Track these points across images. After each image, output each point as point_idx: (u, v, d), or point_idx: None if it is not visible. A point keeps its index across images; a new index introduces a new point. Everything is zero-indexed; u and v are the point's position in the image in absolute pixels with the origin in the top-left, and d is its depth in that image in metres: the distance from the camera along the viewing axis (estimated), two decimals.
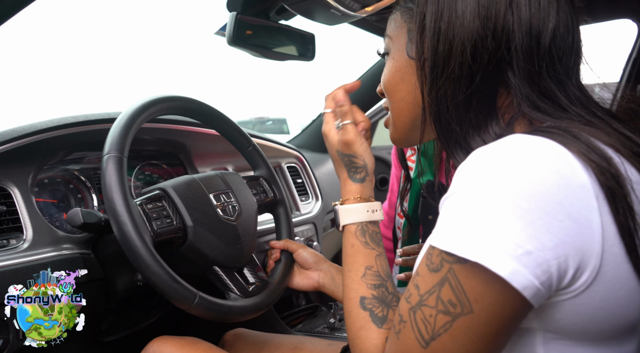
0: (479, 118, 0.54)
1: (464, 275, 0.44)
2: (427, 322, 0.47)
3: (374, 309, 0.59)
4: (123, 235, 0.71)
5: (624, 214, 0.43)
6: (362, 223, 0.67)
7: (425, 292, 0.47)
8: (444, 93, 0.55)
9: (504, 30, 0.51)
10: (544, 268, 0.42)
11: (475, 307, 0.44)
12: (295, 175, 1.56)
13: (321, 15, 1.27)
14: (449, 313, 0.45)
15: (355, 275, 0.63)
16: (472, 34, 0.52)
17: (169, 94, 0.90)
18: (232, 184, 0.95)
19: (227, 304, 0.80)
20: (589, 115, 0.51)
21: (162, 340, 0.86)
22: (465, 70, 0.53)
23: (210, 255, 0.83)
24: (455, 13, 0.53)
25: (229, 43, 1.22)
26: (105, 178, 0.73)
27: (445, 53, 0.54)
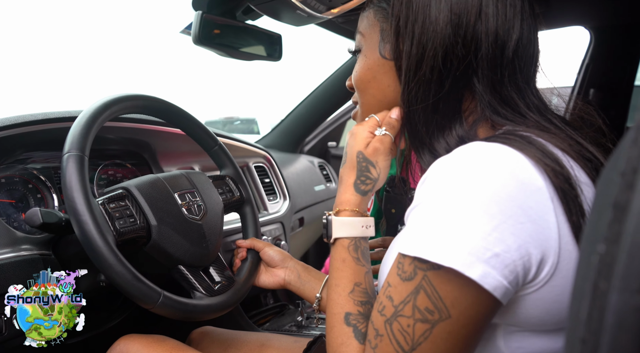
0: (444, 120, 0.56)
1: (439, 281, 0.46)
2: (406, 333, 0.47)
3: (358, 325, 0.58)
4: (84, 234, 0.70)
5: (576, 214, 0.46)
6: (355, 238, 0.64)
7: (400, 303, 0.48)
8: (414, 95, 0.57)
9: (472, 38, 0.54)
10: (511, 268, 0.44)
11: (452, 312, 0.45)
12: (263, 174, 1.56)
13: (287, 16, 1.28)
14: (427, 320, 0.46)
15: (342, 290, 0.61)
16: (444, 40, 0.54)
17: (133, 92, 0.90)
18: (198, 183, 0.95)
19: (192, 303, 0.80)
20: (545, 121, 0.54)
21: (129, 339, 0.85)
22: (436, 74, 0.55)
23: (175, 254, 0.83)
24: (429, 18, 0.55)
25: (195, 42, 1.22)
26: (66, 177, 0.72)
27: (419, 57, 0.55)
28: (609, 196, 0.28)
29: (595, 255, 0.27)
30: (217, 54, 1.33)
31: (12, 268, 0.79)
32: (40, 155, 0.99)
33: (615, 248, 0.26)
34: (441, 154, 0.54)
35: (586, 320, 0.27)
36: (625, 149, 0.27)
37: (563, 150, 0.51)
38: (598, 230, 0.28)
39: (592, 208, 0.32)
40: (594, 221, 0.30)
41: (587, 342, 0.27)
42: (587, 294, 0.28)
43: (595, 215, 0.31)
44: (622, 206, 0.26)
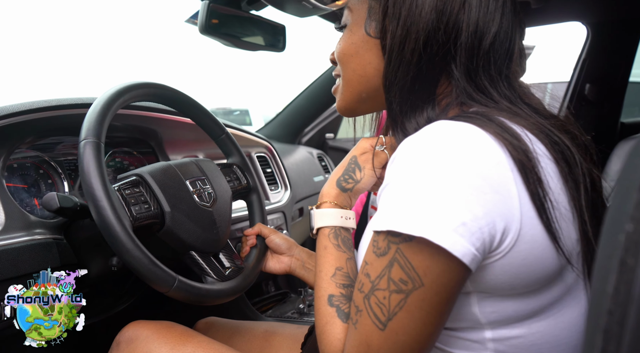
0: (417, 102, 0.59)
1: (411, 252, 0.48)
2: (382, 305, 0.50)
3: (341, 305, 0.62)
4: (103, 220, 0.71)
5: (533, 183, 0.49)
6: (335, 227, 0.69)
7: (376, 277, 0.51)
8: (394, 74, 0.59)
9: (454, 27, 0.56)
10: (478, 235, 0.46)
11: (425, 280, 0.48)
12: (264, 164, 1.58)
13: (292, 7, 1.29)
14: (402, 291, 0.49)
15: (325, 275, 0.66)
16: (427, 25, 0.56)
17: (144, 80, 0.90)
18: (207, 171, 0.97)
19: (205, 287, 0.82)
20: (516, 108, 0.57)
21: (138, 325, 0.86)
22: (416, 56, 0.57)
23: (188, 240, 0.85)
24: (416, 1, 0.56)
25: (201, 31, 1.23)
26: (84, 163, 0.73)
27: (402, 38, 0.57)
28: (634, 180, 0.30)
29: (622, 233, 0.30)
30: (222, 43, 1.33)
31: (28, 252, 0.80)
32: (51, 141, 1.00)
33: None
34: (411, 133, 0.57)
35: (613, 293, 0.30)
36: None
37: (523, 126, 0.54)
38: (624, 211, 0.30)
39: (615, 191, 0.35)
40: (619, 203, 0.33)
41: (614, 313, 0.29)
42: (613, 269, 0.30)
43: (620, 198, 0.33)
44: None
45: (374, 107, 0.70)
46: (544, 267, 0.51)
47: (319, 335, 0.62)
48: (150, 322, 0.87)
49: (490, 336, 0.54)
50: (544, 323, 0.55)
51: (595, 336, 0.31)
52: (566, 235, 0.52)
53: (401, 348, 0.50)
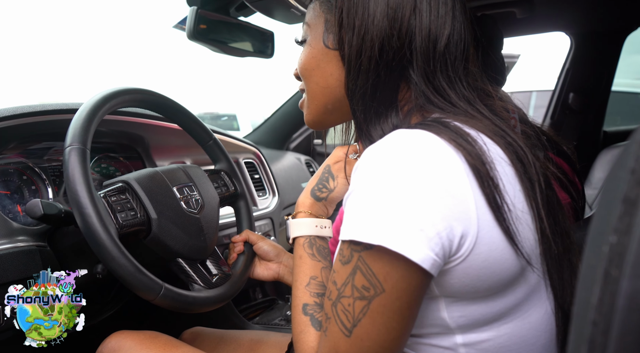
0: (381, 108, 0.60)
1: (372, 260, 0.49)
2: (347, 311, 0.51)
3: (315, 314, 0.63)
4: (88, 227, 0.70)
5: (489, 187, 0.51)
6: (310, 236, 0.70)
7: (342, 284, 0.52)
8: (354, 83, 0.60)
9: (407, 32, 0.57)
10: (436, 241, 0.47)
11: (386, 286, 0.49)
12: (252, 170, 1.57)
13: (280, 13, 1.30)
14: (364, 297, 0.50)
15: (300, 284, 0.67)
16: (380, 32, 0.57)
17: (131, 86, 0.90)
18: (195, 177, 0.96)
19: (191, 295, 0.81)
20: (473, 110, 0.59)
21: (121, 335, 0.85)
22: (373, 63, 0.58)
23: (174, 247, 0.84)
24: (368, 11, 0.58)
25: (189, 37, 1.22)
26: (69, 170, 0.72)
27: (358, 47, 0.59)
28: (618, 192, 0.31)
29: (606, 245, 0.30)
30: (210, 49, 1.33)
31: (10, 259, 0.79)
32: (35, 147, 0.98)
33: (626, 238, 0.29)
34: (376, 140, 0.57)
35: (597, 304, 0.30)
36: (633, 148, 0.30)
37: (479, 129, 0.55)
38: (608, 223, 0.31)
39: (599, 203, 0.35)
40: (603, 215, 0.33)
41: (598, 323, 0.30)
42: (597, 280, 0.30)
43: (604, 210, 0.34)
44: (633, 200, 0.29)
45: (342, 118, 0.71)
46: (504, 269, 0.52)
47: (295, 343, 0.63)
48: (134, 332, 0.86)
49: (460, 341, 0.55)
50: (511, 325, 0.56)
51: (580, 347, 0.31)
52: (524, 237, 0.53)
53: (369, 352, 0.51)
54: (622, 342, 0.28)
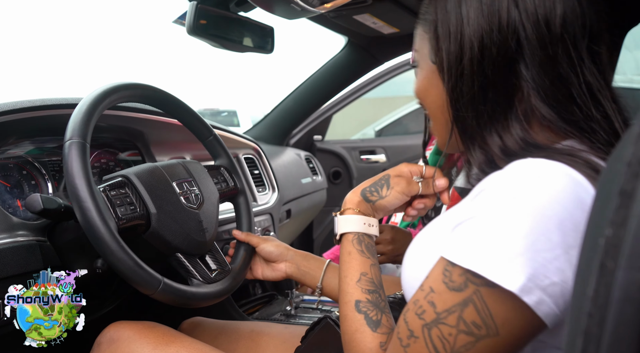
0: (495, 111, 0.56)
1: (492, 300, 0.46)
2: (446, 340, 0.48)
3: (369, 313, 0.61)
4: (87, 221, 0.71)
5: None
6: (358, 233, 0.68)
7: (444, 311, 0.48)
8: (460, 90, 0.57)
9: (509, 24, 0.53)
10: (566, 298, 0.45)
11: (501, 331, 0.46)
12: (252, 166, 1.58)
13: (281, 8, 1.29)
14: (472, 334, 0.46)
15: (350, 280, 0.65)
16: (477, 31, 0.55)
17: (131, 81, 0.90)
18: (194, 173, 0.96)
19: (190, 290, 0.81)
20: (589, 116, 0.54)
21: (119, 325, 0.85)
22: (476, 64, 0.55)
23: (174, 242, 0.84)
24: (461, 15, 0.56)
25: (189, 32, 1.22)
26: (68, 164, 0.73)
27: (457, 52, 0.56)
28: (614, 184, 0.31)
29: (602, 237, 0.30)
30: (210, 44, 1.33)
31: (10, 254, 0.79)
32: (35, 142, 0.99)
33: (622, 231, 0.29)
34: (494, 150, 0.55)
35: (593, 296, 0.30)
36: (630, 142, 0.30)
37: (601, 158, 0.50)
38: (604, 215, 0.31)
39: (596, 196, 0.35)
40: (599, 207, 0.33)
41: (593, 315, 0.30)
42: (593, 272, 0.31)
43: (600, 202, 0.34)
44: (629, 193, 0.29)
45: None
46: None
47: (348, 342, 0.61)
48: (132, 322, 0.86)
49: None
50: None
51: (576, 338, 0.31)
52: None
53: None
54: (616, 333, 0.28)
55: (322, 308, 1.35)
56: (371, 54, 1.76)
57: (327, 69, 1.89)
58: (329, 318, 0.78)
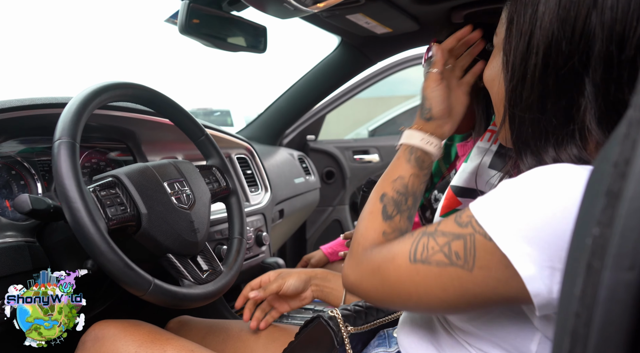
0: (552, 123, 0.53)
1: (483, 249, 0.48)
2: (426, 250, 0.53)
3: (388, 206, 0.67)
4: (77, 221, 0.70)
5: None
6: (413, 146, 0.72)
7: (441, 231, 0.53)
8: (520, 93, 0.55)
9: (583, 34, 0.49)
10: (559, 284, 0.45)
11: (476, 272, 0.48)
12: (244, 166, 1.57)
13: (273, 8, 1.29)
14: (450, 259, 0.50)
15: (388, 177, 0.71)
16: (547, 36, 0.52)
17: (122, 80, 0.89)
18: (186, 173, 0.96)
19: (181, 291, 0.81)
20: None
21: (104, 323, 0.85)
22: (539, 71, 0.53)
23: (165, 243, 0.84)
24: (536, 14, 0.53)
25: (181, 31, 1.21)
26: (57, 164, 0.72)
27: (523, 53, 0.54)
28: (601, 185, 0.31)
29: (589, 237, 0.30)
30: (202, 43, 1.32)
31: None
32: (24, 141, 0.98)
33: (608, 231, 0.29)
34: (546, 161, 0.53)
35: (580, 296, 0.30)
36: (617, 141, 0.30)
37: None
38: (591, 215, 0.31)
39: (583, 195, 0.36)
40: (586, 207, 0.34)
41: (580, 315, 0.30)
42: (580, 273, 0.31)
43: (587, 202, 0.34)
44: (615, 193, 0.29)
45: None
46: None
47: (361, 218, 0.68)
48: (117, 321, 0.86)
49: None
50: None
51: (564, 338, 0.31)
52: None
53: (412, 284, 0.53)
54: (603, 333, 0.29)
55: (314, 309, 1.34)
56: (364, 54, 1.75)
57: (320, 68, 1.89)
58: (322, 318, 0.78)
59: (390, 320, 0.83)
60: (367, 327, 0.80)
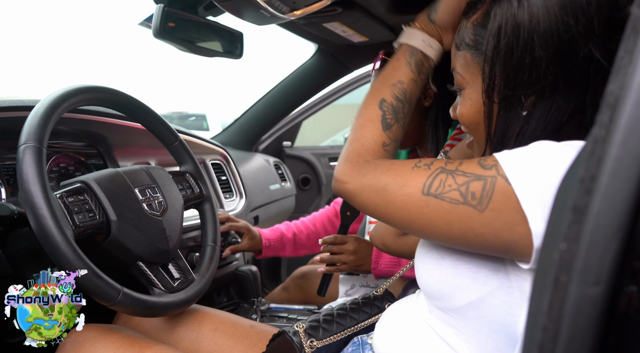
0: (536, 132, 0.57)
1: (501, 192, 0.49)
2: (443, 185, 0.53)
3: (387, 114, 0.65)
4: (42, 229, 0.68)
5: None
6: (414, 48, 0.70)
7: (462, 171, 0.53)
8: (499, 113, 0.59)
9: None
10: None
11: (487, 213, 0.50)
12: (219, 172, 1.55)
13: (250, 14, 1.28)
14: (465, 197, 0.51)
15: (386, 80, 0.68)
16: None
17: (92, 84, 0.87)
18: (158, 179, 0.94)
19: (151, 300, 0.79)
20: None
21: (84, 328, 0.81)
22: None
23: (135, 251, 0.82)
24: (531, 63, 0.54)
25: (155, 35, 1.20)
26: (22, 169, 0.69)
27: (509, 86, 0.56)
28: (568, 200, 0.32)
29: (556, 252, 0.31)
30: (177, 48, 1.30)
31: None
32: None
33: (574, 246, 0.29)
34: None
35: (547, 310, 0.31)
36: (583, 159, 0.31)
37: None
38: (558, 231, 0.32)
39: (551, 211, 0.36)
40: (554, 222, 0.34)
41: (548, 329, 0.30)
42: (548, 287, 0.31)
43: (555, 217, 0.34)
44: (581, 209, 0.30)
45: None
46: None
47: (359, 125, 0.66)
48: (97, 325, 0.85)
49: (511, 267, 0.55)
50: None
51: (531, 351, 0.32)
52: None
53: (417, 214, 0.54)
54: (569, 347, 0.29)
55: (288, 317, 1.34)
56: (341, 62, 1.76)
57: (297, 75, 1.89)
58: (286, 333, 0.78)
59: (363, 327, 0.83)
60: (336, 337, 0.80)
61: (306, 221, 1.48)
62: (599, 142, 0.30)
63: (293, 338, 0.77)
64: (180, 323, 0.93)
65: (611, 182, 0.28)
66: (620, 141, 0.28)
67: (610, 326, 0.28)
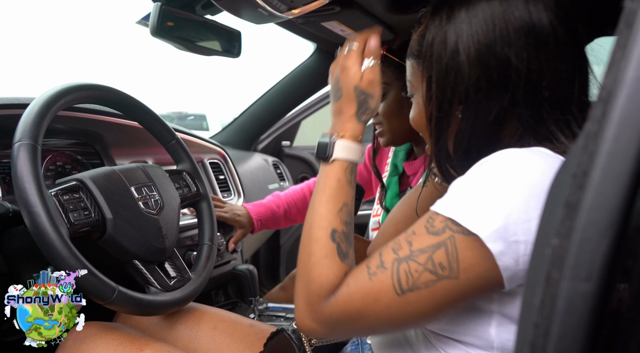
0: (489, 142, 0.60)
1: (463, 246, 0.50)
2: (411, 275, 0.52)
3: (341, 244, 0.62)
4: (37, 227, 0.68)
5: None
6: (353, 162, 0.67)
7: (418, 250, 0.52)
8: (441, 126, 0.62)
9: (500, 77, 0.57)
10: (524, 259, 0.48)
11: (462, 276, 0.50)
12: (217, 171, 1.55)
13: (248, 13, 1.28)
14: (436, 273, 0.51)
15: (333, 208, 0.64)
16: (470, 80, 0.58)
17: (89, 81, 0.87)
18: (155, 177, 0.94)
19: (147, 299, 0.79)
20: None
21: (85, 325, 0.82)
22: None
23: (131, 249, 0.82)
24: (458, 67, 0.59)
25: (153, 34, 1.19)
26: (17, 167, 0.69)
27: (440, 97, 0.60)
28: (560, 196, 0.32)
29: (548, 248, 0.31)
30: (175, 47, 1.30)
31: None
32: None
33: (566, 242, 0.29)
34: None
35: (539, 306, 0.30)
36: (576, 154, 0.31)
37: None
38: (551, 226, 0.32)
39: (544, 206, 0.36)
40: (547, 218, 0.34)
41: (539, 325, 0.30)
42: (540, 283, 0.31)
43: (548, 213, 0.34)
44: (573, 205, 0.29)
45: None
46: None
47: (315, 264, 0.60)
48: (98, 322, 0.85)
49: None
50: None
51: (523, 349, 0.31)
52: None
53: (404, 316, 0.53)
54: (561, 344, 0.29)
55: (286, 316, 1.33)
56: None
57: (296, 74, 1.88)
58: (285, 332, 0.77)
59: None
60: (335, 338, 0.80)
61: (299, 190, 1.46)
62: (591, 136, 0.30)
63: (292, 336, 0.77)
64: (180, 321, 0.94)
65: (603, 178, 0.28)
66: (613, 136, 0.28)
67: (601, 323, 0.28)
